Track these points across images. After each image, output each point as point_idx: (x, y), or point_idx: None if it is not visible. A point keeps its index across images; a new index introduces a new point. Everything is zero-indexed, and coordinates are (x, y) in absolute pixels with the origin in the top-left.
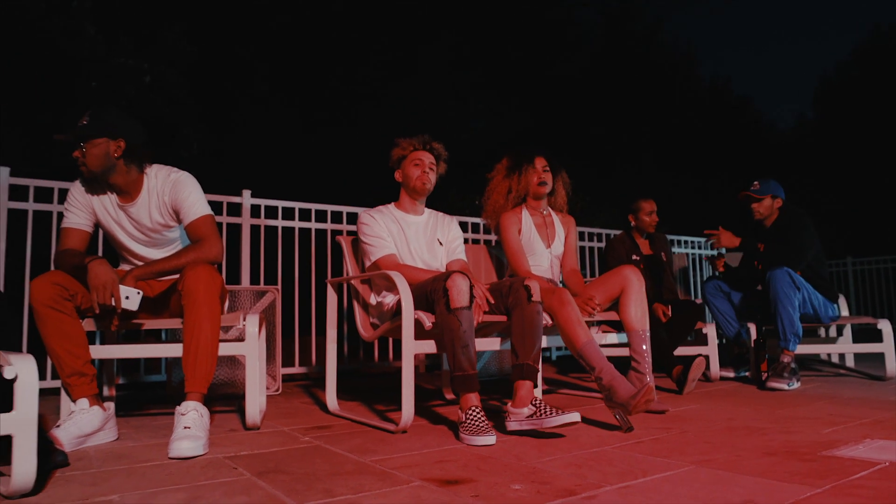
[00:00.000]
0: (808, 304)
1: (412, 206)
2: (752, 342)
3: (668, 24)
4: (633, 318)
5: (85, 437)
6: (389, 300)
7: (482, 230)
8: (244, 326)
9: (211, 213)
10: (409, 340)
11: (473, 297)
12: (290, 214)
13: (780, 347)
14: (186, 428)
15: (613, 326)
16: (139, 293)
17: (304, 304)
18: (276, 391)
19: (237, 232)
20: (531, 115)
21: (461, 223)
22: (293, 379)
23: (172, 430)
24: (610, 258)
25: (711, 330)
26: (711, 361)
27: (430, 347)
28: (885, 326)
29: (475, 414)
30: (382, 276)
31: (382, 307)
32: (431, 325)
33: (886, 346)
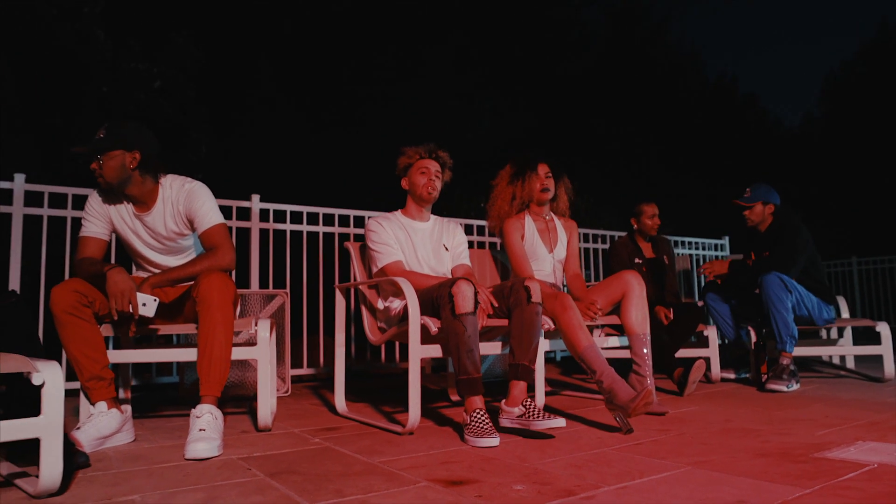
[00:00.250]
0: (801, 306)
1: (418, 212)
2: (751, 344)
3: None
4: (633, 321)
5: (104, 438)
6: (396, 305)
7: (487, 233)
8: (256, 331)
9: (224, 221)
10: (415, 345)
11: (478, 302)
12: (298, 218)
13: (777, 350)
14: (202, 430)
15: (615, 329)
16: (156, 300)
17: (311, 305)
18: (285, 393)
19: (246, 236)
20: (536, 115)
21: (466, 226)
22: (301, 380)
23: (187, 431)
24: (613, 262)
25: (712, 332)
26: (712, 363)
27: (436, 352)
28: (883, 329)
29: (479, 416)
30: (389, 282)
31: (389, 312)
32: (437, 330)
33: (885, 348)
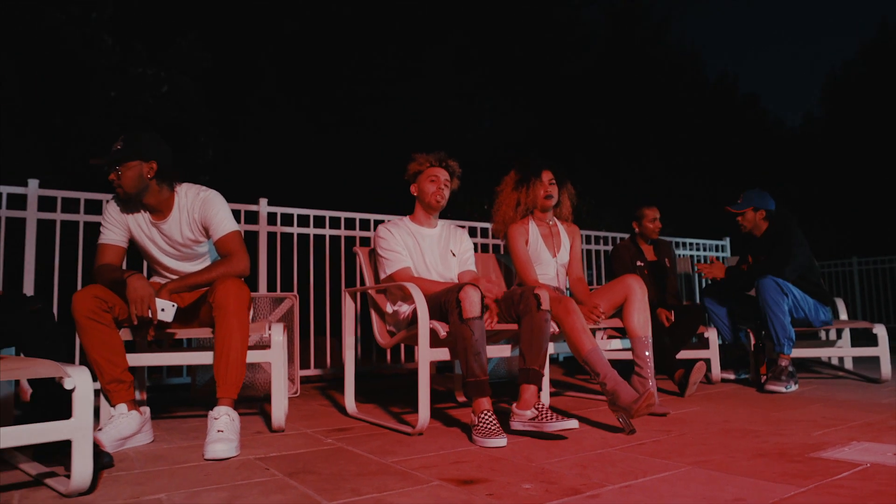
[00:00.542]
0: (798, 308)
1: (426, 219)
2: (751, 346)
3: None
4: (635, 325)
5: (124, 439)
6: (405, 309)
7: (490, 235)
8: (269, 335)
9: (238, 229)
10: (424, 349)
11: (486, 306)
12: (305, 222)
13: (775, 352)
14: (220, 431)
15: (616, 331)
16: (174, 306)
17: (318, 307)
18: (294, 394)
19: (254, 239)
20: (536, 115)
21: (470, 228)
22: (308, 381)
23: (202, 431)
24: (615, 265)
25: (713, 334)
26: (713, 364)
27: (444, 355)
28: (879, 331)
29: (487, 417)
30: (399, 287)
31: (398, 315)
32: (446, 334)
33: (881, 349)
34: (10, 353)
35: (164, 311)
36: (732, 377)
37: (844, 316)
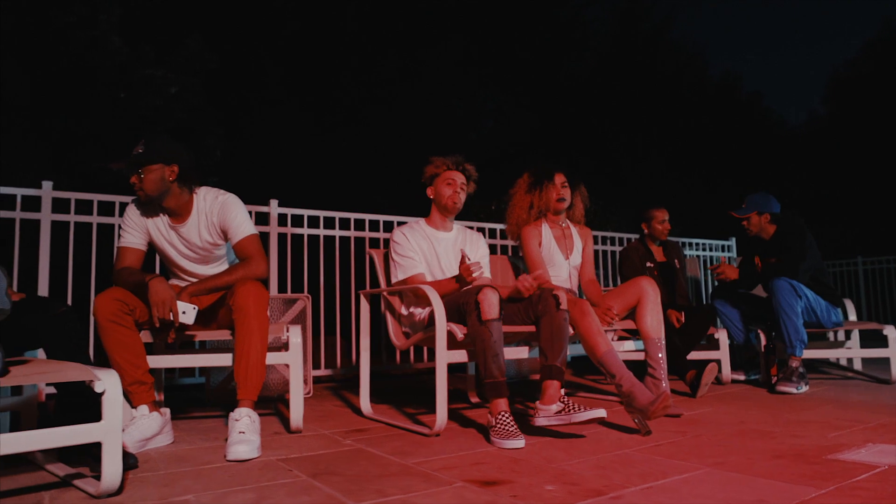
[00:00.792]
0: (810, 311)
1: (442, 222)
2: (761, 347)
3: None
4: (649, 326)
5: (146, 440)
6: (419, 311)
7: (498, 236)
8: (287, 337)
9: (256, 232)
10: (441, 351)
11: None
12: (315, 222)
13: (787, 354)
14: (241, 433)
15: (628, 332)
16: (195, 308)
17: (328, 308)
18: (307, 394)
19: (265, 240)
20: (540, 115)
21: (479, 229)
22: (319, 381)
23: (220, 432)
24: (625, 266)
25: (723, 335)
26: (723, 365)
27: (461, 357)
28: (890, 332)
29: (505, 419)
30: (414, 290)
31: (413, 317)
32: (463, 336)
33: (892, 350)
34: (33, 355)
35: (185, 313)
36: (742, 378)
37: (854, 317)
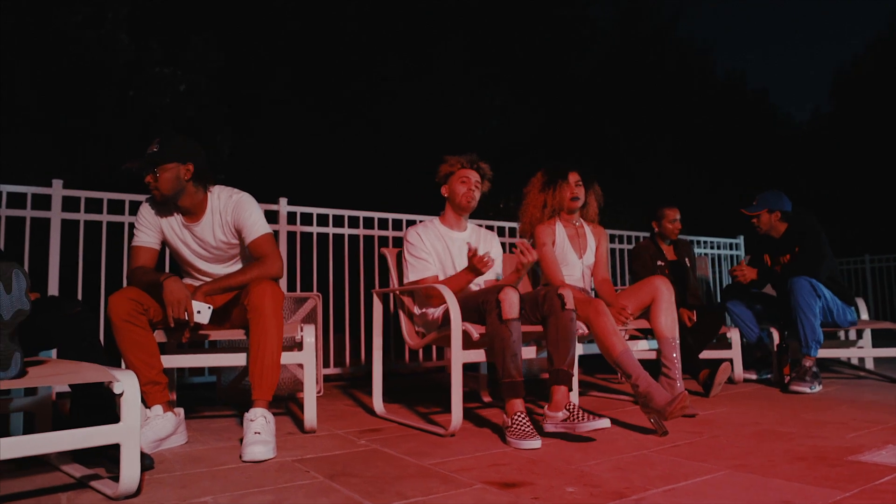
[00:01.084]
0: (826, 311)
1: (456, 221)
2: (774, 346)
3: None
4: (663, 326)
5: (160, 440)
6: (433, 311)
7: (508, 233)
8: (301, 337)
9: (270, 231)
10: (457, 351)
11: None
12: (324, 221)
13: (801, 353)
14: (257, 433)
15: (640, 332)
16: (209, 308)
17: (337, 305)
18: (318, 393)
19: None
20: (545, 113)
21: (488, 226)
22: (328, 379)
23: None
24: (636, 265)
25: (735, 334)
26: (735, 364)
27: (476, 357)
28: None
29: (521, 419)
30: (429, 290)
31: (427, 317)
32: (479, 336)
33: None
34: (47, 355)
35: (199, 313)
36: (754, 377)
37: (866, 316)
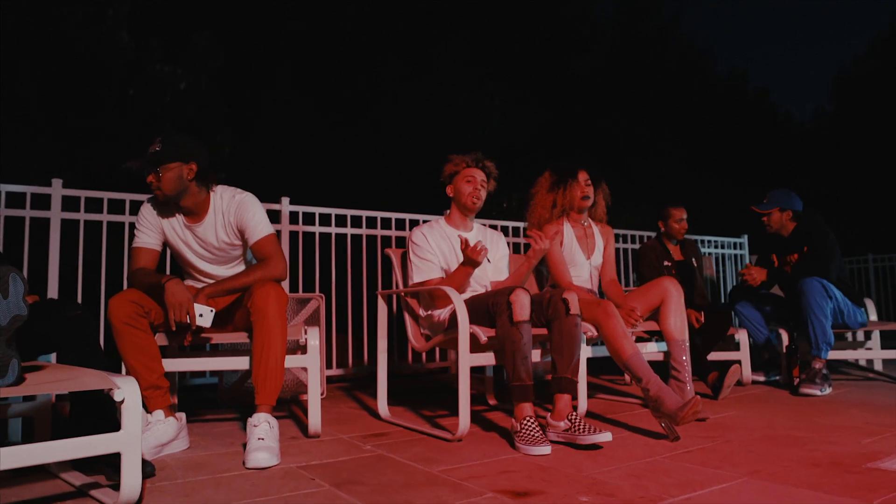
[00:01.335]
0: (837, 312)
1: (462, 221)
2: (783, 348)
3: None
4: (673, 328)
5: (162, 446)
6: (438, 313)
7: (511, 233)
8: (305, 339)
9: (274, 232)
10: (465, 354)
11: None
12: (326, 220)
13: (811, 355)
14: (260, 439)
15: (646, 333)
16: (212, 311)
17: (340, 306)
18: (321, 395)
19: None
20: (546, 111)
21: (491, 226)
22: (331, 381)
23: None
24: (643, 266)
25: (744, 335)
26: (744, 366)
27: (484, 360)
28: None
29: (530, 424)
30: (435, 291)
31: (433, 319)
32: (487, 339)
33: None
34: (46, 359)
35: (202, 316)
36: (762, 379)
37: (874, 316)
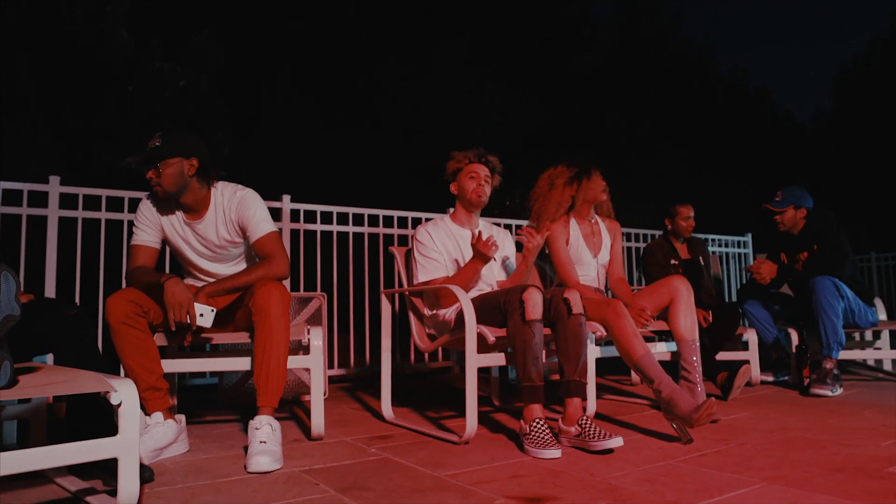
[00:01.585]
0: (848, 312)
1: (467, 218)
2: (793, 348)
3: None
4: (683, 328)
5: (161, 449)
6: (444, 312)
7: (515, 231)
8: (308, 340)
9: (276, 229)
10: (472, 355)
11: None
12: (328, 218)
13: (822, 355)
14: (262, 442)
15: (654, 333)
16: (213, 310)
17: (342, 305)
18: (324, 396)
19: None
20: (547, 110)
21: (494, 223)
22: (332, 381)
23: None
24: (649, 264)
25: (753, 335)
26: (752, 366)
27: (491, 361)
28: None
29: (539, 426)
30: (441, 291)
31: (438, 318)
32: (495, 339)
33: None
34: (42, 360)
35: (202, 316)
36: (771, 379)
37: (884, 316)
